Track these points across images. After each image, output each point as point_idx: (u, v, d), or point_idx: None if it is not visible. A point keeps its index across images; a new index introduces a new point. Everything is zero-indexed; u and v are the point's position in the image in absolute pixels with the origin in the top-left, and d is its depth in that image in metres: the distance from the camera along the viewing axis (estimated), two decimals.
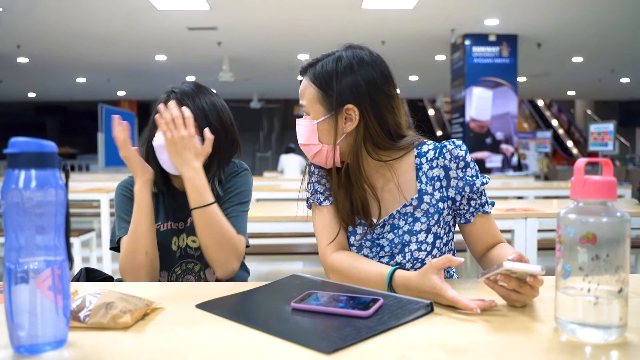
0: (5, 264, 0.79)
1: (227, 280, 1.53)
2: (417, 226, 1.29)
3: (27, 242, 0.79)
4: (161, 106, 1.45)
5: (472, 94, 9.10)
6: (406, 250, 1.30)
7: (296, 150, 9.50)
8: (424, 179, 1.31)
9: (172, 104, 1.44)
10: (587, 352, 0.79)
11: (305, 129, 1.31)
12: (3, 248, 1.01)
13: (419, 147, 1.33)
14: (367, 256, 1.34)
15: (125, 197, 1.55)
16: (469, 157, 1.29)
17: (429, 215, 1.29)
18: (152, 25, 8.29)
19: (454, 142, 1.30)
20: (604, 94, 17.94)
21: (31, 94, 17.21)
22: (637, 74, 13.11)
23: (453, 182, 1.29)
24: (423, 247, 1.29)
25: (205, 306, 1.03)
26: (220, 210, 1.44)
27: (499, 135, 9.19)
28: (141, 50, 10.25)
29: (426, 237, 1.29)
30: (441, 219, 1.30)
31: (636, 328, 0.87)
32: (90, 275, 1.53)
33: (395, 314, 0.94)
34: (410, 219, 1.30)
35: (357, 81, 1.25)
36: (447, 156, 1.28)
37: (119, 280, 1.52)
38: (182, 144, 1.41)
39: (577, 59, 11.18)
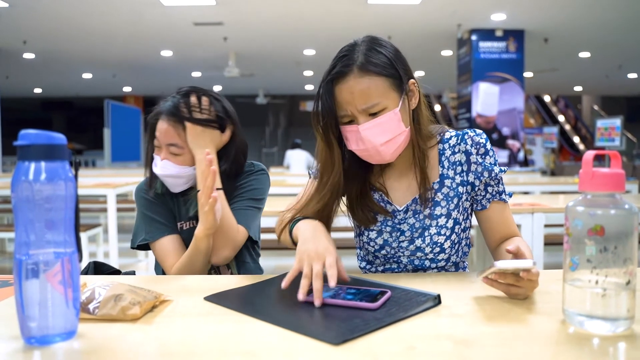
0: (16, 257, 0.79)
1: (236, 273, 1.54)
2: (438, 210, 1.32)
3: (37, 235, 0.79)
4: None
5: (479, 89, 9.07)
6: (426, 234, 1.32)
7: (302, 145, 9.50)
8: (446, 164, 1.34)
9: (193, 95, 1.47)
10: (595, 344, 0.79)
11: (389, 123, 1.21)
12: (13, 243, 1.01)
13: (442, 135, 1.37)
14: (386, 241, 1.35)
15: (147, 200, 1.56)
16: (489, 145, 1.33)
17: (449, 199, 1.32)
18: (158, 20, 8.29)
19: (475, 130, 1.35)
20: (611, 90, 17.84)
21: (37, 90, 17.27)
22: None
23: (473, 167, 1.32)
24: (442, 232, 1.32)
25: (214, 298, 1.04)
26: (225, 199, 1.46)
27: (506, 131, 9.15)
28: (147, 45, 10.25)
29: (446, 221, 1.32)
30: (460, 203, 1.33)
31: None
32: (98, 269, 1.54)
33: (403, 306, 0.94)
34: (430, 203, 1.32)
35: (404, 59, 1.27)
36: (469, 142, 1.33)
37: (127, 273, 1.53)
38: (200, 128, 1.44)
39: (584, 55, 11.12)
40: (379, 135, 1.21)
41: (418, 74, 1.27)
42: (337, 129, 1.25)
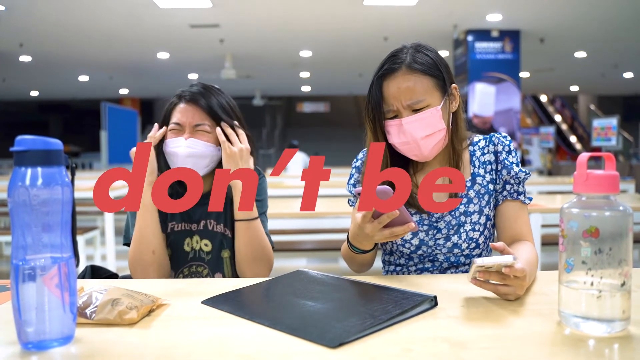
0: (13, 262, 0.79)
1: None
2: (471, 207, 1.39)
3: (33, 239, 0.79)
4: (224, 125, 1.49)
5: (475, 89, 9.08)
6: (461, 230, 1.38)
7: (299, 147, 9.50)
8: (477, 164, 1.42)
9: (225, 125, 1.48)
10: (591, 346, 0.79)
11: (431, 118, 1.31)
12: (10, 246, 1.01)
13: (471, 138, 1.47)
14: (422, 240, 1.40)
15: None
16: (512, 146, 1.42)
17: (480, 196, 1.40)
18: (155, 22, 8.29)
19: (500, 133, 1.45)
20: (608, 89, 17.87)
21: (34, 93, 17.23)
22: None
23: (498, 166, 1.40)
24: (477, 228, 1.38)
25: (211, 302, 1.04)
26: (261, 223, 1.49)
27: (502, 131, 9.16)
28: (143, 48, 10.24)
29: (479, 218, 1.39)
30: (491, 200, 1.41)
31: (639, 321, 0.87)
32: (96, 272, 1.54)
33: (399, 304, 0.94)
34: (464, 200, 1.39)
35: (447, 65, 1.38)
36: (496, 141, 1.43)
37: (124, 277, 1.53)
38: (239, 156, 1.46)
39: (580, 54, 11.14)
40: (420, 129, 1.31)
41: None
42: (383, 123, 1.36)
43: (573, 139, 18.39)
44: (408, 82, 1.30)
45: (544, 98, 19.68)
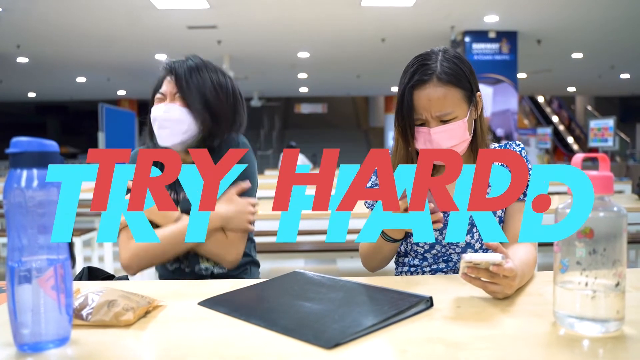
0: (8, 263, 0.79)
1: (232, 276, 1.54)
2: None
3: (29, 241, 0.79)
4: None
5: None
6: (474, 230, 1.41)
7: (297, 147, 9.52)
8: None
9: None
10: (585, 346, 0.79)
11: (457, 130, 1.34)
12: (5, 248, 1.01)
13: (487, 147, 1.49)
14: (436, 239, 1.42)
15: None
16: (524, 153, 1.47)
17: None
18: (152, 24, 8.29)
19: (515, 142, 1.51)
20: (604, 90, 17.90)
21: (31, 94, 17.21)
22: (637, 70, 13.09)
23: None
24: None
25: (207, 303, 1.04)
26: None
27: (500, 132, 9.18)
28: (141, 49, 10.24)
29: None
30: None
31: (634, 321, 0.87)
32: (93, 274, 1.53)
33: (395, 304, 0.95)
34: None
35: (474, 73, 1.40)
36: (509, 148, 1.47)
37: (121, 278, 1.53)
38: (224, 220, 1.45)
39: (577, 55, 11.16)
40: (447, 140, 1.33)
41: None
42: (412, 129, 1.36)
43: (570, 139, 18.43)
44: (438, 94, 1.31)
45: (541, 99, 19.73)
